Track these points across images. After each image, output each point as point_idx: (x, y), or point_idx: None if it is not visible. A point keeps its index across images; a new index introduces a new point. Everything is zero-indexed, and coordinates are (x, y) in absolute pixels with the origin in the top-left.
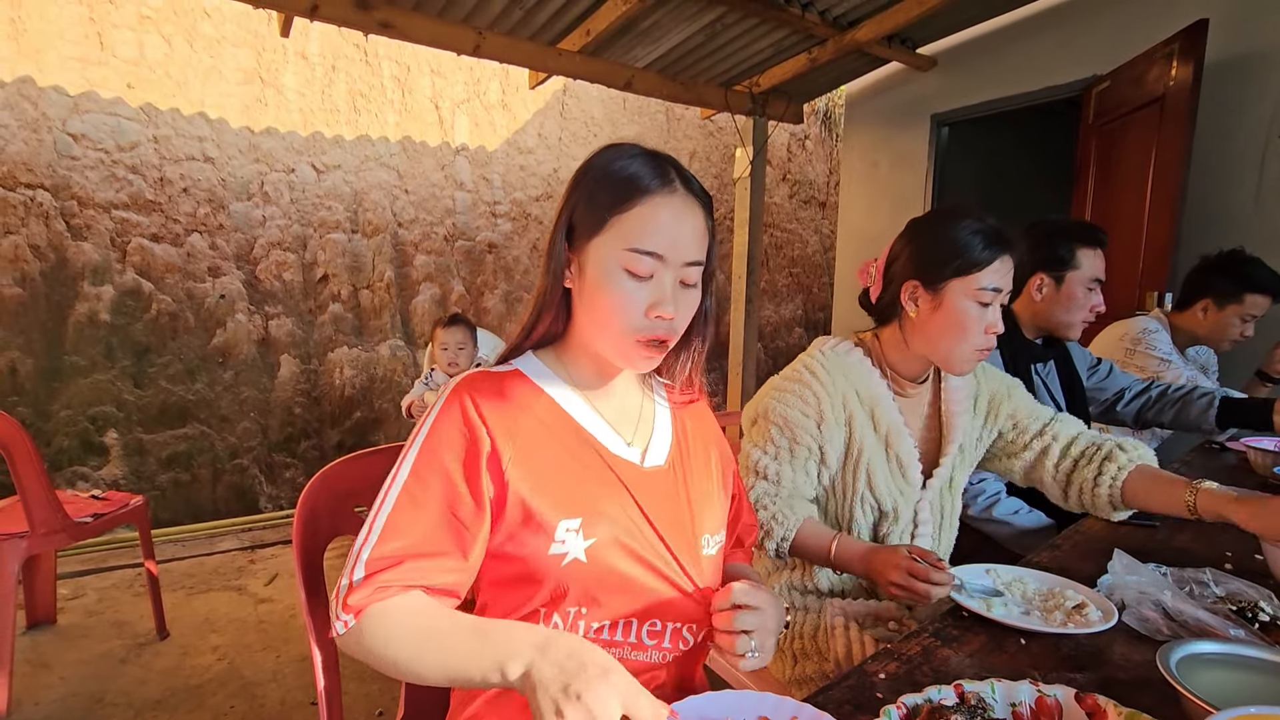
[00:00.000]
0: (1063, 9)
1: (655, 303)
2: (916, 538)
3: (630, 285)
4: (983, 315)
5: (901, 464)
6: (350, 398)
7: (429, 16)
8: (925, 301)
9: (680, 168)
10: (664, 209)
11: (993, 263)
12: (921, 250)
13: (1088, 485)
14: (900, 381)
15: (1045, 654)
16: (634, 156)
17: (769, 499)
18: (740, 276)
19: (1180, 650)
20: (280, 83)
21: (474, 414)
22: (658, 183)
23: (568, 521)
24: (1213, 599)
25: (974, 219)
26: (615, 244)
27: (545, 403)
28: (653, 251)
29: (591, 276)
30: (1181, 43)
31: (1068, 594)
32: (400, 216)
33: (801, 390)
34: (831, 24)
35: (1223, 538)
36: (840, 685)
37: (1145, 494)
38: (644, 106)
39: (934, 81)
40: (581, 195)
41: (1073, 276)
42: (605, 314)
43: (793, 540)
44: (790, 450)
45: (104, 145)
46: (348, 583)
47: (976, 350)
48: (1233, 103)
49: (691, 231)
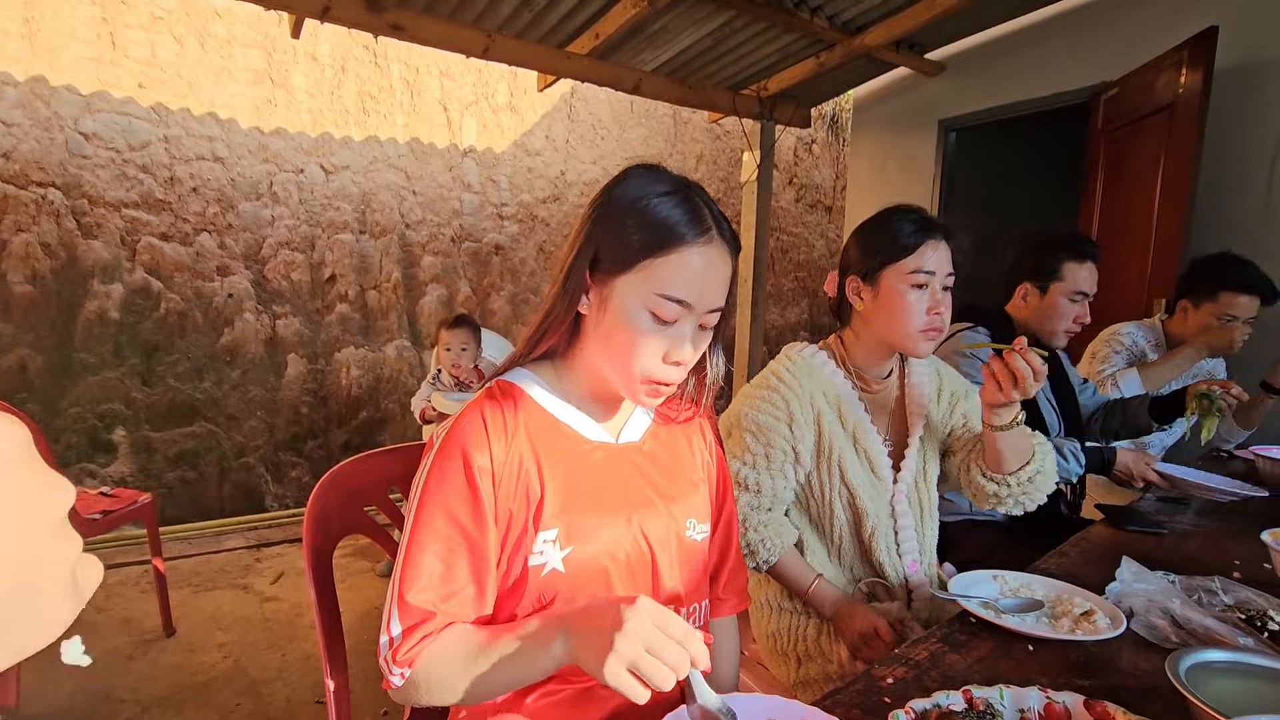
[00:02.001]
0: (1071, 15)
1: (673, 349)
2: (900, 532)
3: (652, 328)
4: (921, 297)
5: (870, 459)
6: (357, 397)
7: (439, 19)
8: (867, 293)
9: (713, 207)
10: (697, 258)
11: (918, 248)
12: (858, 247)
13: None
14: (864, 379)
15: (1053, 660)
16: (668, 194)
17: (753, 512)
18: (746, 280)
19: (1189, 658)
20: (290, 83)
21: (476, 455)
22: (695, 232)
23: (545, 533)
24: (1221, 607)
25: (901, 212)
26: (644, 286)
27: (537, 414)
28: (682, 300)
29: (613, 312)
30: (1191, 50)
31: (1076, 601)
32: (408, 217)
33: (770, 395)
34: (840, 29)
35: (1232, 546)
36: (848, 690)
37: (986, 450)
38: (652, 109)
39: (942, 87)
40: (611, 228)
41: (1056, 287)
42: (621, 351)
43: (774, 564)
44: (766, 455)
45: (115, 144)
46: (388, 638)
47: (922, 330)
48: (1242, 110)
49: (721, 280)
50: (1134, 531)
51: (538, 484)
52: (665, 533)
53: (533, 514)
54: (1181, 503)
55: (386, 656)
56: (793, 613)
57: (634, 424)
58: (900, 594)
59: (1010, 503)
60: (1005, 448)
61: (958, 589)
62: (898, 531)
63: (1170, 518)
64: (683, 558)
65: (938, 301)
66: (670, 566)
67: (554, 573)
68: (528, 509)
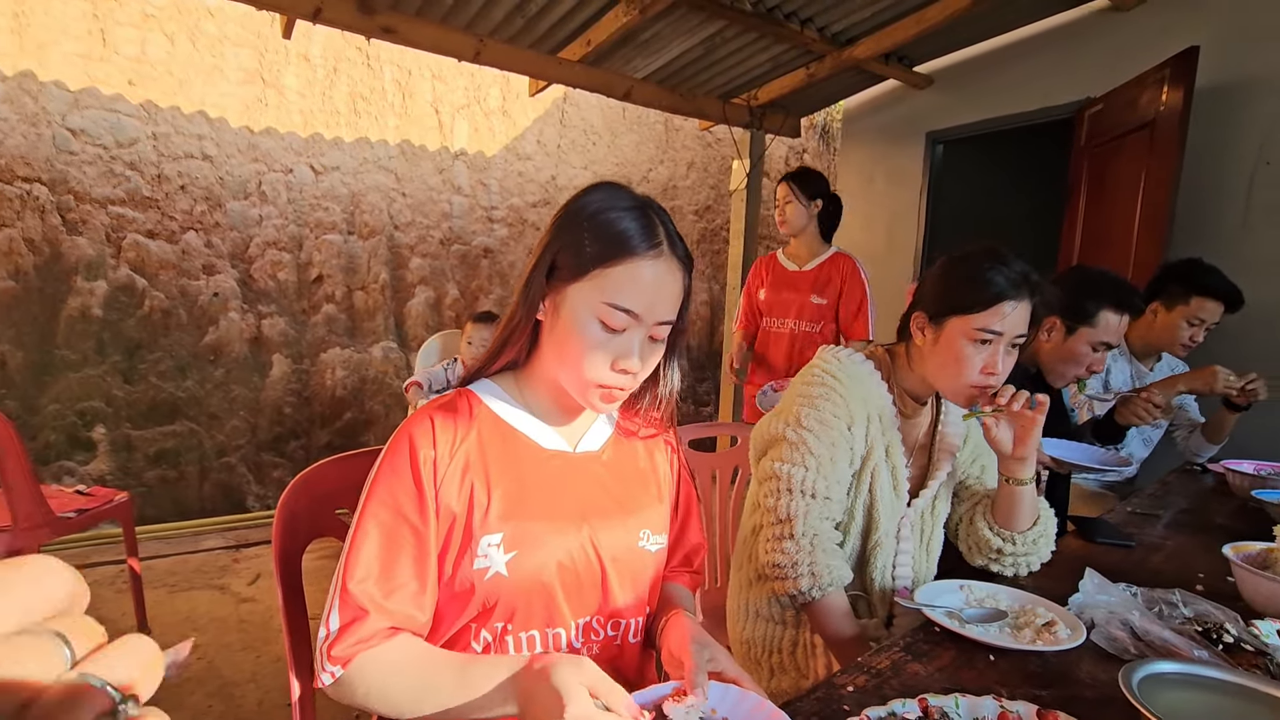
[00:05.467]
0: (1057, 32)
1: (621, 357)
2: (899, 553)
3: (601, 336)
4: (980, 352)
5: (895, 478)
6: (341, 399)
7: (431, 22)
8: (930, 333)
9: (669, 225)
10: (648, 270)
11: (993, 306)
12: (934, 283)
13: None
14: (905, 400)
15: (1013, 670)
16: (626, 210)
17: (820, 523)
18: (734, 287)
19: (1143, 670)
20: (281, 83)
21: (421, 448)
22: (645, 245)
23: (490, 537)
24: (1180, 620)
25: (990, 260)
26: (594, 294)
27: (491, 422)
28: (629, 309)
29: (565, 318)
30: (1173, 68)
31: (1039, 611)
32: (397, 219)
33: (828, 394)
34: (830, 40)
35: (1197, 559)
36: (809, 698)
37: (998, 504)
38: (643, 116)
39: (930, 100)
40: (569, 238)
41: (1085, 332)
42: (572, 357)
43: (821, 601)
44: (831, 458)
45: (103, 141)
46: (326, 631)
47: (970, 387)
48: (1222, 128)
49: (670, 294)
50: (1103, 544)
51: (484, 489)
52: (617, 543)
53: (479, 518)
54: (1151, 515)
55: (321, 650)
56: (770, 621)
57: (594, 434)
58: (880, 612)
59: (1008, 562)
60: (1022, 504)
61: (924, 598)
62: (898, 554)
63: (1140, 529)
64: (634, 569)
65: (996, 361)
66: (620, 577)
67: (497, 576)
68: (471, 513)
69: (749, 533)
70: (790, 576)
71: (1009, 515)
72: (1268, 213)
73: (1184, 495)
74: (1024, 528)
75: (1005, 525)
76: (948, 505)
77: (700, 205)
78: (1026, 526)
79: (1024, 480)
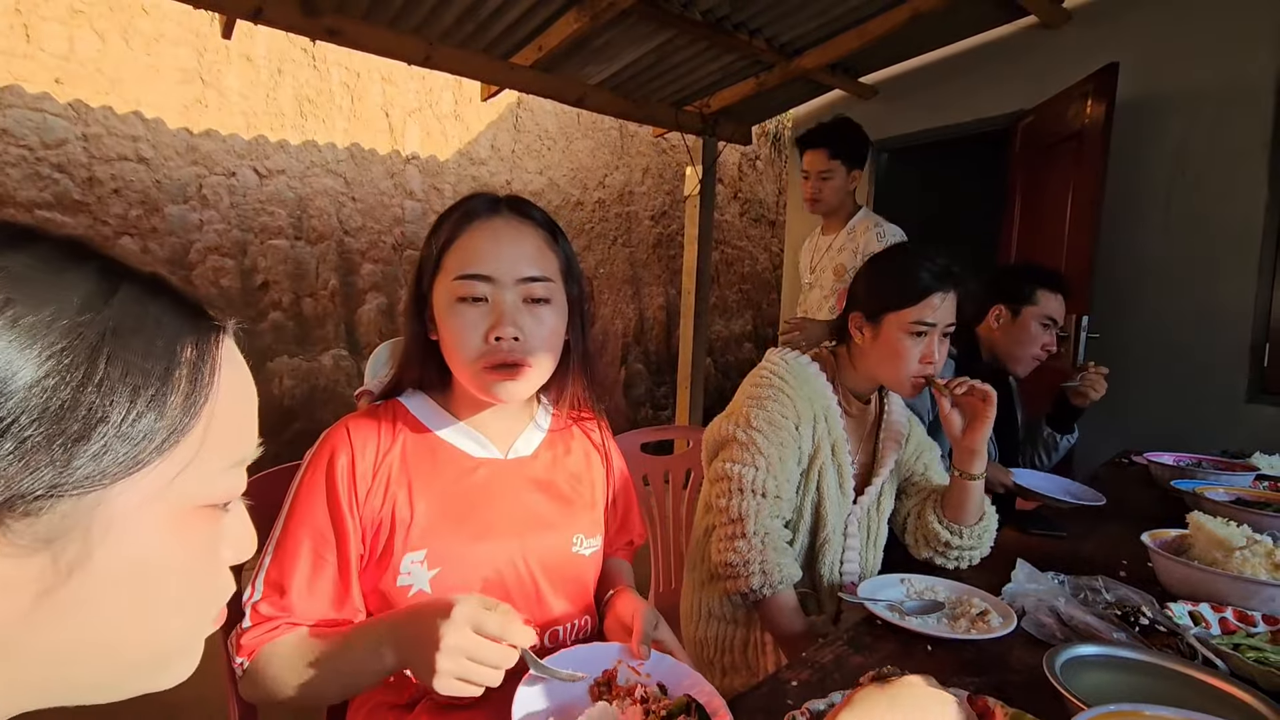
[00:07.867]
0: (992, 47)
1: (493, 324)
2: (846, 550)
3: (469, 314)
4: (917, 344)
5: (840, 475)
6: (289, 409)
7: (379, 26)
8: (867, 331)
9: (516, 198)
10: (484, 232)
11: (924, 299)
12: (866, 284)
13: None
14: (849, 399)
15: (949, 659)
16: (475, 197)
17: (771, 520)
18: (690, 292)
19: (1066, 654)
20: (222, 84)
21: (340, 457)
22: (483, 211)
23: (413, 554)
24: (1103, 605)
25: (916, 257)
26: (447, 279)
27: (416, 432)
28: (478, 274)
29: (438, 318)
30: (1096, 83)
31: (974, 602)
32: (347, 224)
33: (776, 394)
34: (778, 51)
35: (1120, 547)
36: (754, 693)
37: (949, 498)
38: (598, 122)
39: (876, 110)
40: (424, 252)
41: (1029, 311)
42: (452, 347)
43: (771, 599)
44: (780, 458)
45: (27, 142)
46: (237, 629)
47: (912, 378)
48: (1143, 140)
49: (519, 249)
50: (1036, 535)
51: (406, 504)
52: (550, 551)
53: (402, 535)
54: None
55: (233, 640)
56: (723, 621)
57: (526, 439)
58: (829, 607)
59: (954, 555)
60: (972, 498)
61: (866, 592)
62: (845, 550)
63: (1070, 520)
64: (568, 574)
65: (933, 350)
66: (553, 586)
67: (421, 594)
68: (394, 528)
69: (702, 534)
70: (742, 575)
71: (959, 509)
72: (1185, 221)
73: (1112, 486)
74: (972, 522)
75: (955, 519)
76: (892, 501)
77: (656, 211)
78: (974, 521)
79: (975, 475)
